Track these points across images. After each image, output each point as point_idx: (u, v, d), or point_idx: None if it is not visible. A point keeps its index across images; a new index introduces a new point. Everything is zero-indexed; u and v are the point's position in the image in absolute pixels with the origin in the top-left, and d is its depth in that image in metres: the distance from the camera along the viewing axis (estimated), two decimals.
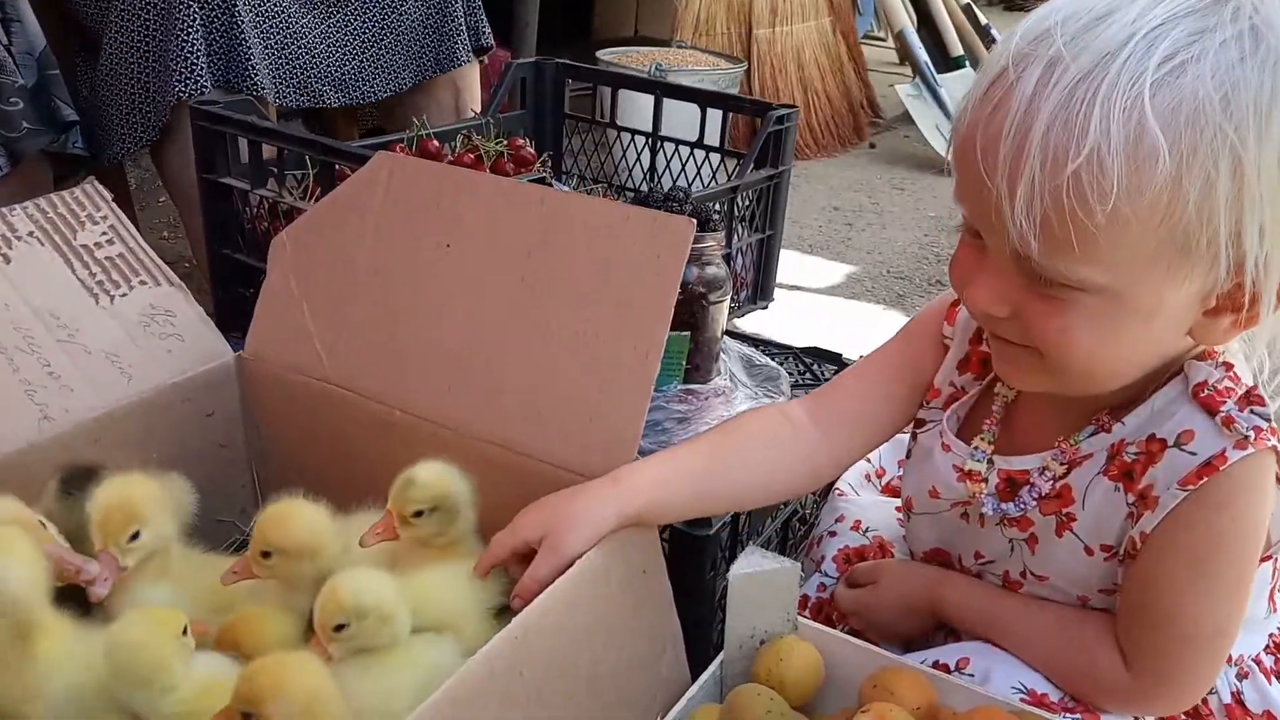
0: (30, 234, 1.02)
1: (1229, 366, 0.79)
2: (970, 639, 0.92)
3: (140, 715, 0.72)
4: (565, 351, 0.92)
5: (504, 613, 0.86)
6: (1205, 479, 0.76)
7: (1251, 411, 0.77)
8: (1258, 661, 0.89)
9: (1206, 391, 0.78)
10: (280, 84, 1.52)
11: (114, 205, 1.08)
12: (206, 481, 1.02)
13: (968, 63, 4.02)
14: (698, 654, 0.94)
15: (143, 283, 1.06)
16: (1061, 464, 0.85)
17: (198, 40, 1.37)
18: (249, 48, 1.43)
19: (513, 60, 1.69)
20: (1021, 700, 0.84)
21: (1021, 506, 0.87)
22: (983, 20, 4.29)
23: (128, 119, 1.46)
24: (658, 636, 0.88)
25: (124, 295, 1.04)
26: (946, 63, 4.03)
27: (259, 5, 1.50)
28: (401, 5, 1.72)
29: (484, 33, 1.91)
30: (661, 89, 1.61)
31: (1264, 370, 0.81)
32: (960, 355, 0.96)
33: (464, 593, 0.86)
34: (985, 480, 0.90)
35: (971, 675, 0.87)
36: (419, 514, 0.87)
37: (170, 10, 1.37)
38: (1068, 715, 0.83)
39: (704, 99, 1.57)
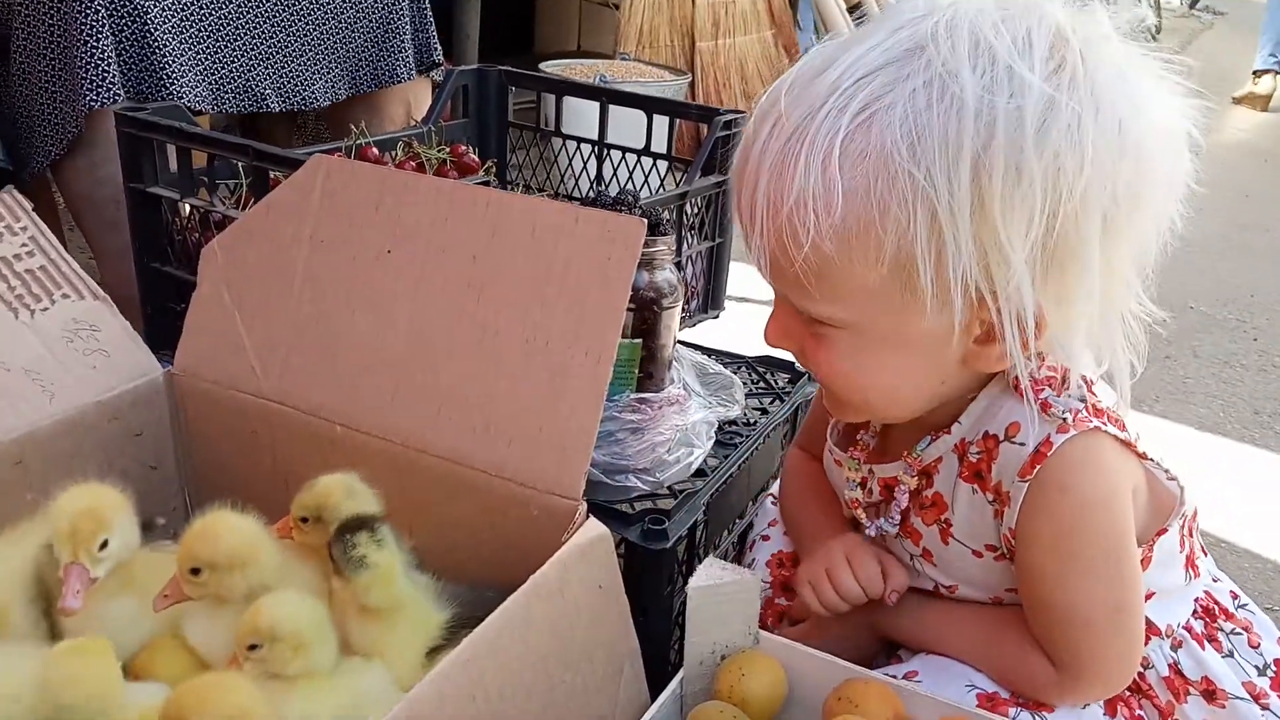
0: None
1: (1043, 358, 0.80)
2: (911, 652, 0.92)
3: None
4: (514, 359, 0.88)
5: (437, 653, 0.83)
6: (1038, 467, 0.78)
7: (1068, 395, 0.80)
8: (1188, 629, 0.90)
9: (1025, 382, 0.79)
10: (216, 89, 1.47)
11: (34, 215, 1.02)
12: (136, 504, 0.97)
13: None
14: (656, 672, 0.91)
15: (65, 296, 1.00)
16: (911, 475, 0.88)
17: (107, 47, 1.31)
18: (165, 53, 1.37)
19: (453, 69, 1.65)
20: (977, 698, 0.83)
21: (893, 521, 0.90)
22: None
23: (39, 129, 1.39)
24: (615, 654, 0.85)
25: (45, 310, 0.99)
26: None
27: (188, 8, 1.45)
28: (343, 13, 1.67)
29: (434, 49, 1.88)
30: (607, 95, 1.58)
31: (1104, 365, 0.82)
32: None
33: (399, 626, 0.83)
34: (871, 489, 0.92)
35: (920, 682, 0.85)
36: (304, 520, 0.86)
37: (73, 17, 1.31)
38: (1023, 711, 0.82)
39: (650, 105, 1.55)
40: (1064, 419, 0.78)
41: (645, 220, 0.83)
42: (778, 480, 1.16)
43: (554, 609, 0.77)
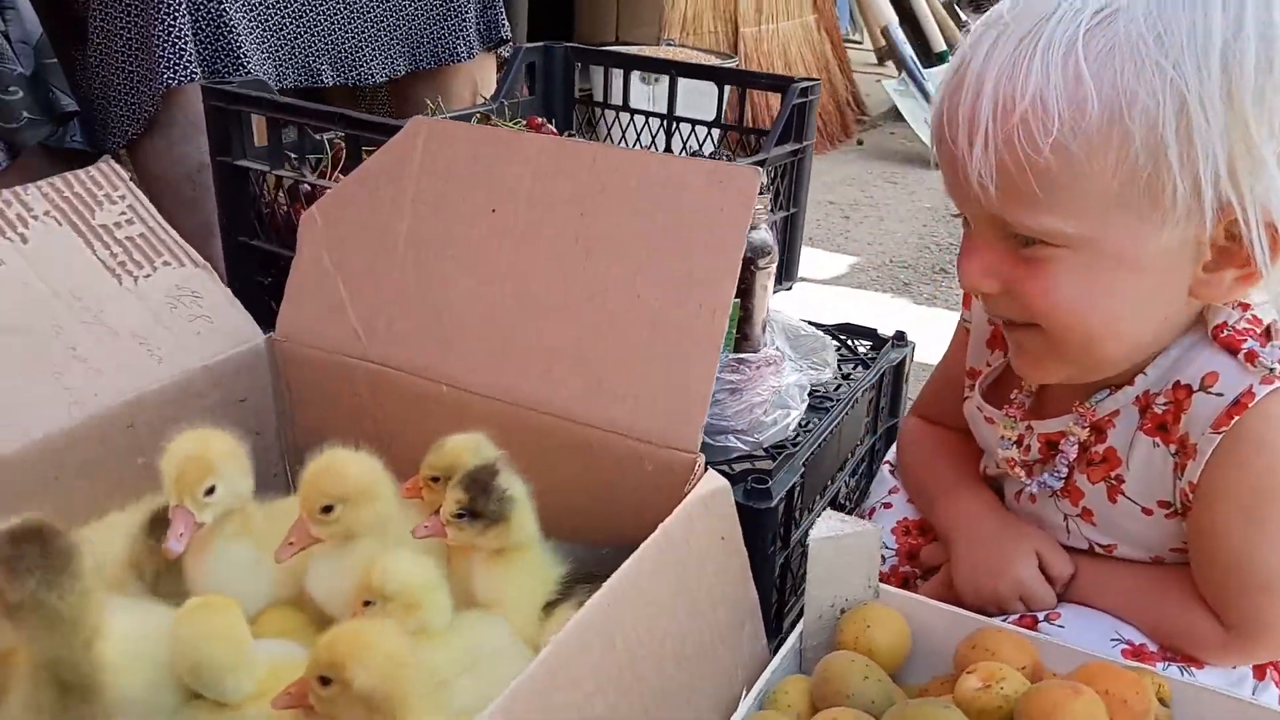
0: (46, 213, 0.96)
1: (1246, 307, 0.78)
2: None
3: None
4: (625, 314, 0.87)
5: (552, 607, 0.83)
6: (1236, 418, 0.75)
7: (1274, 346, 0.76)
8: None
9: (1226, 332, 0.77)
10: (277, 64, 1.47)
11: (131, 184, 1.03)
12: None
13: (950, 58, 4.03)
14: None
15: (166, 263, 1.01)
16: (1082, 427, 0.85)
17: (184, 25, 1.32)
18: (238, 30, 1.37)
19: (520, 46, 1.65)
20: (1122, 652, 0.81)
21: (1058, 475, 0.87)
22: (963, 17, 4.31)
23: (116, 109, 1.40)
24: (738, 607, 0.84)
25: (148, 276, 0.99)
26: (929, 58, 4.04)
27: None
28: None
29: (502, 25, 1.87)
30: (676, 69, 1.57)
31: None
32: (985, 335, 0.97)
33: (521, 576, 0.83)
34: (1029, 446, 0.90)
35: (1062, 626, 0.84)
36: (434, 479, 0.85)
37: None
38: (1172, 665, 0.80)
39: (721, 76, 1.54)
40: (1271, 369, 0.74)
41: (760, 170, 0.82)
42: (892, 449, 1.15)
43: (680, 560, 0.77)
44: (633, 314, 0.87)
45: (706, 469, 0.83)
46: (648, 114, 1.64)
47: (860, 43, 5.30)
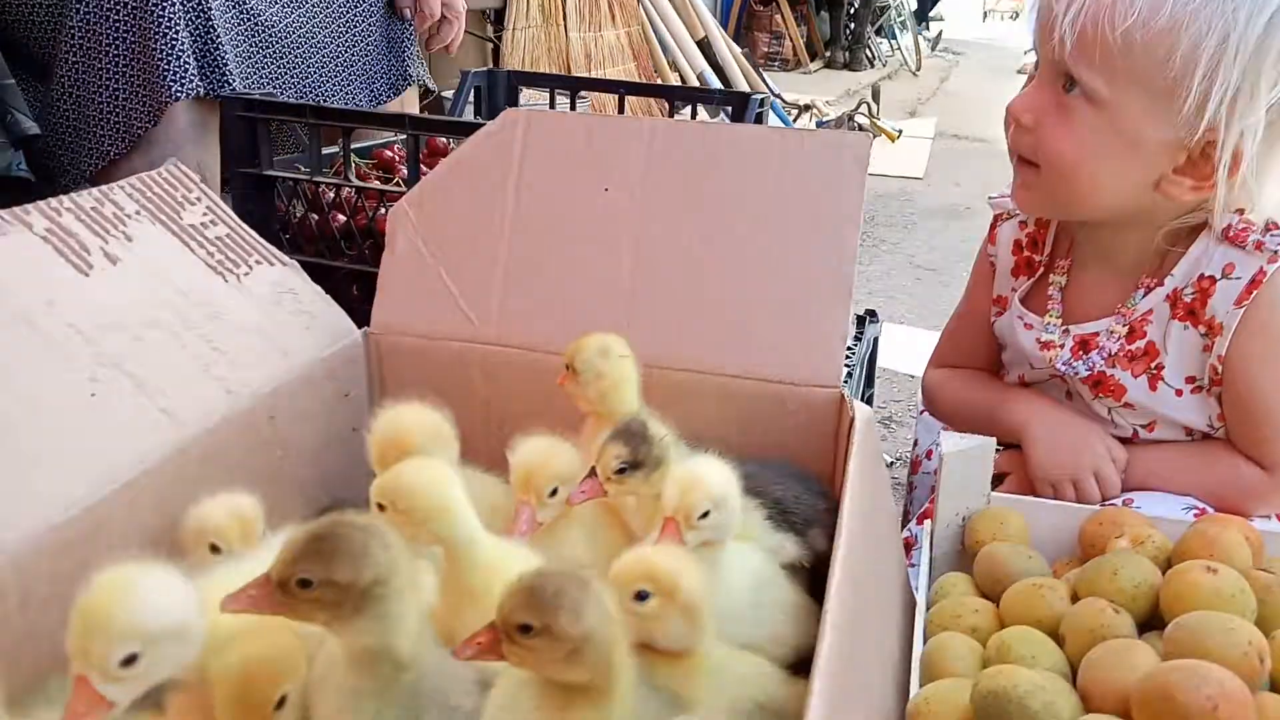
0: (138, 213, 0.93)
1: (1241, 212, 0.99)
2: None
3: None
4: (752, 268, 0.95)
5: None
6: (1255, 293, 0.96)
7: (1274, 235, 0.98)
8: None
9: (1233, 231, 0.98)
10: (250, 85, 1.44)
11: (204, 187, 1.00)
12: (336, 468, 0.97)
13: None
14: None
15: (258, 262, 0.99)
16: (1123, 325, 1.04)
17: (184, 40, 1.28)
18: (224, 47, 1.35)
19: (468, 71, 1.69)
20: (1195, 515, 0.97)
21: (1090, 365, 1.05)
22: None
23: (96, 131, 1.32)
24: (889, 518, 0.93)
25: (247, 274, 0.97)
26: None
27: (239, 6, 1.42)
28: (357, 28, 1.68)
29: (420, 61, 1.90)
30: (625, 88, 1.67)
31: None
32: (1009, 265, 1.15)
33: None
34: (1061, 346, 1.07)
35: (1139, 507, 0.99)
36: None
37: (146, 7, 1.28)
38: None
39: (672, 94, 1.65)
40: (1276, 251, 0.95)
41: (870, 135, 0.93)
42: (916, 398, 1.28)
43: (873, 488, 0.84)
44: (759, 268, 0.95)
45: (853, 401, 0.92)
46: None
47: None
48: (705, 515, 0.73)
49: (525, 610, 0.56)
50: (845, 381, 1.22)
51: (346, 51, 1.65)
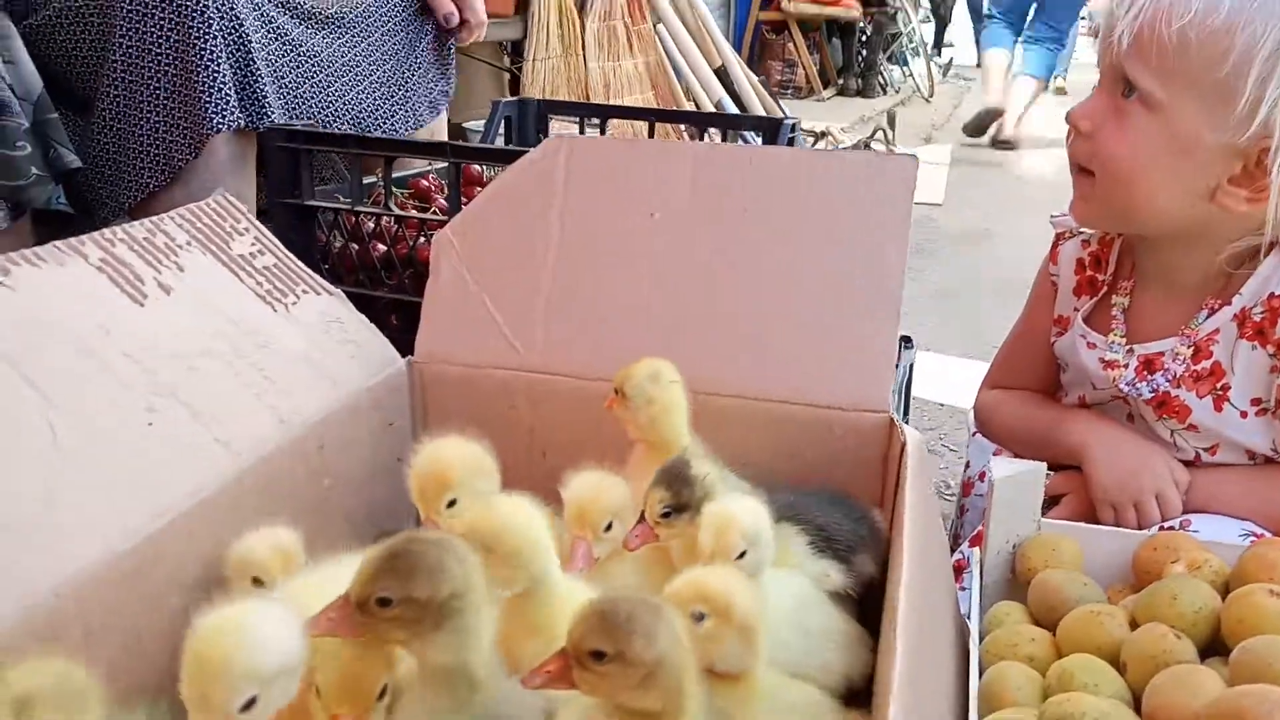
0: (188, 244, 0.94)
1: None
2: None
3: None
4: (798, 292, 0.95)
5: None
6: None
7: None
8: None
9: None
10: (290, 116, 1.45)
11: (251, 217, 1.01)
12: (381, 498, 0.97)
13: None
14: None
15: (305, 292, 0.99)
16: (1188, 346, 1.03)
17: (226, 72, 1.30)
18: (263, 79, 1.36)
19: (499, 100, 1.71)
20: (1250, 540, 0.96)
21: (1154, 386, 1.04)
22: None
23: (136, 163, 1.34)
24: (940, 546, 0.92)
25: (294, 303, 0.97)
26: None
27: (281, 38, 1.44)
28: (419, 40, 1.69)
29: (452, 85, 1.92)
30: (655, 115, 1.68)
31: None
32: (1071, 284, 1.14)
33: None
34: (1125, 366, 1.06)
35: (1196, 531, 0.98)
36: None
37: (189, 41, 1.29)
38: None
39: (703, 120, 1.66)
40: None
41: (917, 158, 0.93)
42: (969, 418, 1.28)
43: (926, 515, 0.84)
44: (806, 292, 0.95)
45: (902, 426, 0.92)
46: None
47: None
48: (742, 555, 0.73)
49: (598, 636, 0.55)
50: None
51: (390, 78, 1.66)
